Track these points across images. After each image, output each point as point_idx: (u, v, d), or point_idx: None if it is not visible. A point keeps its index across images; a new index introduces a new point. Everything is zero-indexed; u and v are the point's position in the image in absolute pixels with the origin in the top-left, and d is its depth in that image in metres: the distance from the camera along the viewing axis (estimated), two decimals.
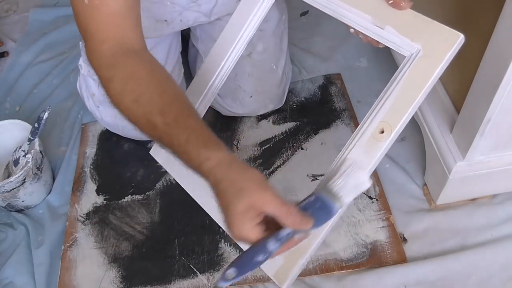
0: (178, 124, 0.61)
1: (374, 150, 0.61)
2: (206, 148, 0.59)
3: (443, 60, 0.58)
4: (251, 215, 0.54)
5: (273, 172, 1.09)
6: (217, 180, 0.57)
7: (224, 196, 0.55)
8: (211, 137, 0.61)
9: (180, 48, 1.16)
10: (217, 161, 0.57)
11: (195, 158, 0.59)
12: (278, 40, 1.13)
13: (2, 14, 1.67)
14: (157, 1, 0.97)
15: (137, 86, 0.63)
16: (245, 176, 0.56)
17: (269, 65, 1.13)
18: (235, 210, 0.54)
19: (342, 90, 1.23)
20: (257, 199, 0.54)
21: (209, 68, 0.80)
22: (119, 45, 0.66)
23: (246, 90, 1.13)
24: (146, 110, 0.62)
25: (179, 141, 0.60)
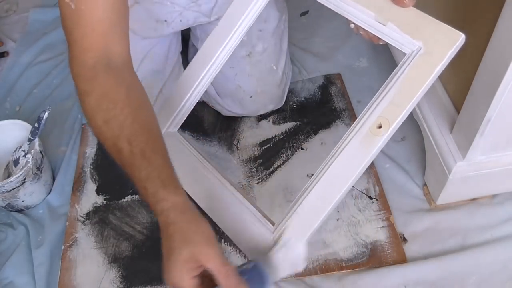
0: (143, 156, 0.61)
1: (371, 144, 0.61)
2: (164, 189, 0.60)
3: (443, 59, 0.58)
4: (191, 266, 0.56)
5: (273, 172, 1.09)
6: (168, 222, 0.59)
7: (170, 241, 0.58)
8: (172, 178, 0.62)
9: (180, 48, 1.16)
10: (171, 204, 0.59)
11: (151, 195, 0.60)
12: (278, 40, 1.13)
13: (2, 14, 1.67)
14: (157, 1, 0.97)
15: (111, 107, 0.63)
16: (195, 227, 0.58)
17: (269, 65, 1.13)
18: (176, 259, 0.56)
19: (342, 90, 1.22)
20: (201, 253, 0.56)
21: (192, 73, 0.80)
22: (102, 57, 0.65)
23: (246, 90, 1.13)
24: (115, 134, 0.63)
25: (140, 174, 0.61)
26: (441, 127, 0.90)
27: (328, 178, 0.64)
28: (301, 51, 1.34)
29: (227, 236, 0.97)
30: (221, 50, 0.79)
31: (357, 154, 0.62)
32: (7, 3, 1.71)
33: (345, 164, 0.63)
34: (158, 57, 1.09)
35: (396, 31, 0.62)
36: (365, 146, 0.61)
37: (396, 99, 0.60)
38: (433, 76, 0.58)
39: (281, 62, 1.15)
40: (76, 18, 0.65)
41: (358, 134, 0.62)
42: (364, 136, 0.62)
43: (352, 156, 0.62)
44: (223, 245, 0.98)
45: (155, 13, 0.99)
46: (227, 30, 0.79)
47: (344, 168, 0.62)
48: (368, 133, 0.61)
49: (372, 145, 0.61)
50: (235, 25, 0.78)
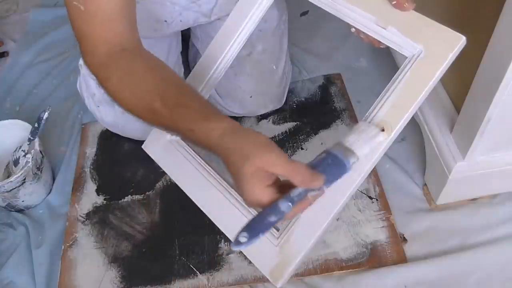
0: (179, 105, 0.62)
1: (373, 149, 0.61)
2: (209, 121, 0.59)
3: (444, 62, 0.58)
4: (260, 177, 0.53)
5: None
6: (224, 150, 0.56)
7: (233, 164, 0.55)
8: (213, 111, 0.62)
9: (180, 48, 1.16)
10: (221, 131, 0.57)
11: (200, 133, 0.59)
12: (278, 40, 1.13)
13: (2, 14, 1.67)
14: (157, 1, 0.97)
15: (134, 79, 0.65)
16: (250, 141, 0.56)
17: (269, 65, 1.13)
18: (243, 174, 0.53)
19: (342, 90, 1.22)
20: (264, 161, 0.53)
21: (206, 65, 0.80)
22: (114, 46, 0.67)
23: (246, 90, 1.13)
24: (146, 99, 0.63)
25: (182, 122, 0.61)
26: (441, 127, 0.90)
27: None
28: (301, 51, 1.34)
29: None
30: (226, 52, 0.79)
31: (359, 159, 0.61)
32: (7, 3, 1.71)
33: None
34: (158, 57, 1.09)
35: (397, 35, 0.62)
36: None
37: (397, 103, 0.60)
38: (435, 79, 0.58)
39: (281, 62, 1.15)
40: (86, 19, 0.66)
41: None
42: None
43: None
44: (223, 245, 0.98)
45: (155, 13, 0.99)
46: (232, 32, 0.79)
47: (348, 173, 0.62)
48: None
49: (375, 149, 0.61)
50: (240, 27, 0.78)
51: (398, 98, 0.60)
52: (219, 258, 0.96)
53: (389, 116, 0.60)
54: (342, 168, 0.56)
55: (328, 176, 0.54)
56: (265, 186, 0.54)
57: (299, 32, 1.39)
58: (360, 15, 0.66)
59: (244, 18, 0.78)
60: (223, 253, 0.97)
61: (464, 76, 0.82)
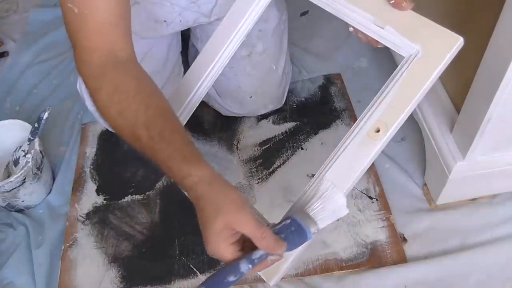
0: (162, 138, 0.62)
1: (368, 148, 0.61)
2: (188, 164, 0.60)
3: (441, 63, 0.58)
4: (226, 235, 0.56)
5: (273, 172, 1.09)
6: (197, 196, 0.58)
7: (203, 214, 0.57)
8: (194, 153, 0.62)
9: (180, 48, 1.16)
10: (198, 178, 0.59)
11: (177, 173, 0.60)
12: (278, 40, 1.13)
13: (2, 14, 1.67)
14: (157, 1, 0.97)
15: (123, 98, 0.64)
16: (224, 196, 0.58)
17: (269, 65, 1.13)
18: (212, 228, 0.56)
19: (342, 90, 1.22)
20: (234, 219, 0.56)
21: (203, 63, 0.80)
22: (107, 55, 0.66)
23: (246, 91, 1.13)
24: (131, 122, 0.63)
25: (162, 156, 0.61)
26: (441, 127, 0.90)
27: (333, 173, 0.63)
28: (301, 51, 1.34)
29: None
30: (223, 51, 0.79)
31: (355, 158, 0.62)
32: (7, 3, 1.71)
33: (343, 169, 0.63)
34: (158, 57, 1.09)
35: (394, 34, 0.62)
36: (363, 150, 0.61)
37: (394, 103, 0.60)
38: (431, 80, 0.58)
39: (281, 62, 1.15)
40: (80, 22, 0.66)
41: (356, 138, 0.62)
42: (362, 140, 0.62)
43: (350, 160, 0.62)
44: None
45: (155, 14, 0.99)
46: (229, 31, 0.79)
47: (342, 173, 0.62)
48: (366, 137, 0.62)
49: (370, 149, 0.61)
50: (237, 26, 0.78)
51: (394, 98, 0.60)
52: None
53: (386, 116, 0.61)
54: (304, 237, 0.59)
55: (289, 244, 0.57)
56: (230, 244, 0.56)
57: (299, 32, 1.39)
58: (359, 14, 0.66)
59: (241, 17, 0.78)
60: None
61: (464, 76, 0.82)
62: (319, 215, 0.60)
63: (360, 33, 0.68)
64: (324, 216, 0.60)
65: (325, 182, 0.62)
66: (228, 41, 0.78)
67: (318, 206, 0.61)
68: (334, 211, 0.60)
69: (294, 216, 0.60)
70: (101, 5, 0.65)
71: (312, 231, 0.59)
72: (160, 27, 1.02)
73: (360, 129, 0.62)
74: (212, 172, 0.60)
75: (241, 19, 0.78)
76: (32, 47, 1.48)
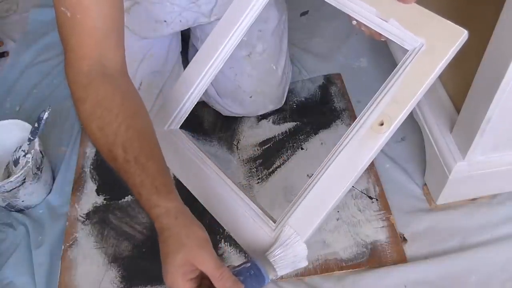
0: (137, 163, 0.62)
1: (372, 142, 0.61)
2: (158, 195, 0.61)
3: (446, 56, 0.57)
4: (185, 270, 0.58)
5: (273, 172, 1.09)
6: (162, 228, 0.60)
7: (166, 246, 0.59)
8: (165, 184, 0.63)
9: (180, 48, 1.16)
10: (165, 210, 0.60)
11: (146, 202, 0.62)
12: (278, 40, 1.13)
13: (2, 14, 1.67)
14: (157, 1, 0.97)
15: (106, 114, 0.64)
16: (188, 232, 0.59)
17: (269, 65, 1.13)
18: (172, 262, 0.58)
19: (342, 90, 1.22)
20: (194, 257, 0.57)
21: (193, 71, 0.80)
22: (97, 64, 0.66)
23: (246, 91, 1.13)
24: (110, 140, 0.63)
25: (134, 181, 0.62)
26: (441, 127, 0.90)
27: (329, 176, 0.64)
28: (301, 51, 1.34)
29: (227, 236, 0.98)
30: (222, 49, 0.79)
31: (359, 152, 0.61)
32: (7, 3, 1.71)
33: (347, 162, 0.62)
34: (158, 57, 1.09)
35: (398, 28, 0.62)
36: (367, 143, 0.61)
37: (398, 96, 0.60)
38: (435, 73, 0.58)
39: (281, 62, 1.15)
40: (71, 26, 0.65)
41: (359, 132, 0.62)
42: (365, 133, 0.61)
43: (353, 153, 0.62)
44: (222, 245, 0.98)
45: (155, 14, 0.99)
46: (228, 28, 0.79)
47: (346, 166, 0.62)
48: (369, 131, 0.61)
49: (374, 142, 0.60)
50: (235, 23, 0.78)
51: (398, 91, 0.60)
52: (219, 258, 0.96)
53: (389, 109, 0.60)
54: (262, 282, 0.61)
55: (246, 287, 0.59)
56: (188, 279, 0.58)
57: (299, 32, 1.39)
58: (362, 7, 0.65)
59: (240, 15, 0.78)
60: (223, 253, 0.97)
61: (464, 76, 0.82)
62: (279, 263, 0.62)
63: (364, 26, 0.68)
64: (284, 264, 0.62)
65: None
66: (227, 39, 0.79)
67: (280, 253, 0.62)
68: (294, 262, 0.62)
69: (255, 260, 0.62)
70: (94, 12, 0.64)
71: (270, 277, 0.61)
72: (160, 27, 1.02)
73: (364, 122, 0.62)
74: (180, 206, 0.62)
75: (240, 17, 0.78)
76: (32, 47, 1.48)
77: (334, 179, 0.63)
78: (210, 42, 0.80)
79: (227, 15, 0.80)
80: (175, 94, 0.83)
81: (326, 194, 0.63)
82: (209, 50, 0.80)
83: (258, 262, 0.62)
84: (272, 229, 0.68)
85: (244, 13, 0.78)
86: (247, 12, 0.78)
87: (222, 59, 0.80)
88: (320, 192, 0.64)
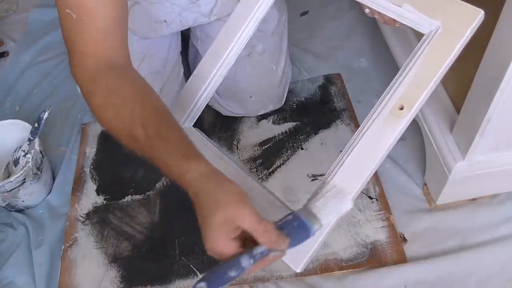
0: (160, 136, 0.61)
1: (393, 126, 0.60)
2: (187, 160, 0.59)
3: (463, 37, 0.57)
4: (227, 229, 0.54)
5: (273, 172, 1.09)
6: (196, 192, 0.57)
7: (202, 208, 0.55)
8: (192, 149, 0.61)
9: (180, 48, 1.16)
10: (197, 173, 0.58)
11: (175, 170, 0.59)
12: (277, 40, 1.13)
13: (2, 14, 1.67)
14: (157, 1, 0.97)
15: (119, 100, 0.64)
16: (224, 190, 0.56)
17: (269, 65, 1.13)
18: (211, 222, 0.54)
19: (342, 90, 1.22)
20: (234, 213, 0.54)
21: (205, 68, 0.80)
22: (103, 61, 0.66)
23: (246, 91, 1.13)
24: (127, 123, 0.62)
25: (160, 154, 0.60)
26: (441, 127, 0.90)
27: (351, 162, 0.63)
28: (301, 51, 1.34)
29: None
30: (228, 52, 0.79)
31: (380, 137, 0.60)
32: (7, 3, 1.71)
33: (368, 147, 0.61)
34: (158, 57, 1.09)
35: (413, 12, 0.61)
36: (387, 128, 0.60)
37: (417, 80, 0.59)
38: (453, 55, 0.57)
39: (281, 62, 1.15)
40: (76, 28, 0.66)
41: (380, 116, 0.61)
42: (386, 118, 0.61)
43: (374, 138, 0.61)
44: None
45: (155, 14, 0.99)
46: (234, 32, 0.79)
47: (367, 152, 0.61)
48: (390, 115, 0.61)
49: (395, 127, 0.60)
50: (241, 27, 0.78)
51: (417, 75, 0.59)
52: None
53: (409, 92, 0.60)
54: (306, 234, 0.57)
55: (292, 240, 0.56)
56: (230, 239, 0.54)
57: (299, 32, 1.39)
58: None
59: (245, 19, 0.78)
60: None
61: (464, 76, 0.82)
62: (322, 211, 0.59)
63: (377, 14, 0.67)
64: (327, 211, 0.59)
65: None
66: (233, 43, 0.79)
67: (321, 202, 0.59)
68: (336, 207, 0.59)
69: (297, 212, 0.59)
70: (99, 13, 0.65)
71: (315, 227, 0.58)
72: (160, 27, 1.02)
73: (384, 107, 0.61)
74: (211, 167, 0.59)
75: (245, 21, 0.78)
76: (32, 47, 1.48)
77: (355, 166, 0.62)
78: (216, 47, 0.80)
79: (232, 19, 0.80)
80: (188, 91, 0.83)
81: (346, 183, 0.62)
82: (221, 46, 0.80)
83: (300, 214, 0.58)
84: None
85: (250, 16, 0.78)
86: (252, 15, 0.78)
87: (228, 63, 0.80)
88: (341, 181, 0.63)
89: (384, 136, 0.60)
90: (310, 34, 1.39)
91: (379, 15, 0.67)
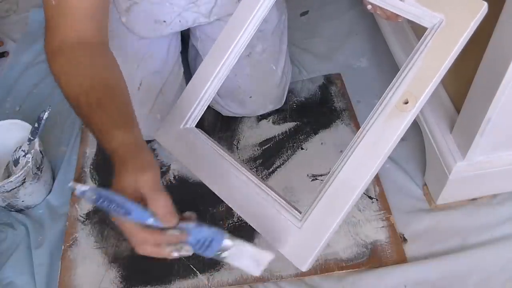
0: (100, 106, 0.65)
1: (398, 120, 0.60)
2: (117, 130, 0.62)
3: (467, 30, 0.57)
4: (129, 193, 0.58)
5: (273, 172, 1.09)
6: (117, 160, 0.61)
7: (117, 174, 0.61)
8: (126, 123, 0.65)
9: (179, 48, 1.16)
10: (120, 142, 0.62)
11: (104, 137, 0.63)
12: (277, 40, 1.13)
13: (2, 14, 1.67)
14: (156, 1, 0.97)
15: (72, 70, 0.68)
16: (137, 158, 0.60)
17: (269, 65, 1.13)
18: (117, 186, 0.60)
19: (342, 90, 1.23)
20: (138, 178, 0.58)
21: (207, 69, 0.80)
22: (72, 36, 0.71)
23: (246, 91, 1.13)
24: (75, 91, 0.66)
25: (96, 121, 0.64)
26: (441, 127, 0.90)
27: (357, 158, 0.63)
28: (301, 51, 1.34)
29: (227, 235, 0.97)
30: (234, 46, 0.79)
31: (385, 131, 0.60)
32: (7, 3, 1.71)
33: (373, 143, 0.61)
34: (157, 57, 1.09)
35: (415, 6, 0.61)
36: (392, 122, 0.60)
37: (421, 74, 0.59)
38: (457, 48, 0.57)
39: (281, 62, 1.15)
40: (54, 12, 0.71)
41: (384, 111, 0.61)
42: (390, 112, 0.60)
43: (379, 133, 0.61)
44: None
45: (154, 14, 0.99)
46: (235, 33, 0.79)
47: (372, 147, 0.61)
48: (394, 109, 0.60)
49: (400, 120, 0.60)
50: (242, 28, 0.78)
51: (421, 68, 0.59)
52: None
53: (413, 86, 0.59)
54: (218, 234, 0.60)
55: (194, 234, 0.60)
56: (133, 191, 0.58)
57: (299, 32, 1.39)
58: None
59: (246, 20, 0.78)
60: None
61: (464, 76, 0.82)
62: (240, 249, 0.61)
63: (379, 10, 0.67)
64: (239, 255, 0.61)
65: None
66: (233, 44, 0.79)
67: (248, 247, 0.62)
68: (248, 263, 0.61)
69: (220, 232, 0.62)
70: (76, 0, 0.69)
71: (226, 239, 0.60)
72: (160, 27, 1.02)
73: (388, 101, 0.61)
74: (137, 140, 0.63)
75: (246, 22, 0.78)
76: (32, 47, 1.49)
77: (361, 162, 0.61)
78: (223, 39, 0.80)
79: (233, 20, 0.80)
80: (189, 92, 0.83)
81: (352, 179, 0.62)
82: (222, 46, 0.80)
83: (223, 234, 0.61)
84: (298, 220, 0.67)
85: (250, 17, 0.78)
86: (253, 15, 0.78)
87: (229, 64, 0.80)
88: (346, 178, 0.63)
89: (389, 131, 0.60)
90: (310, 34, 1.39)
91: (381, 11, 0.67)
